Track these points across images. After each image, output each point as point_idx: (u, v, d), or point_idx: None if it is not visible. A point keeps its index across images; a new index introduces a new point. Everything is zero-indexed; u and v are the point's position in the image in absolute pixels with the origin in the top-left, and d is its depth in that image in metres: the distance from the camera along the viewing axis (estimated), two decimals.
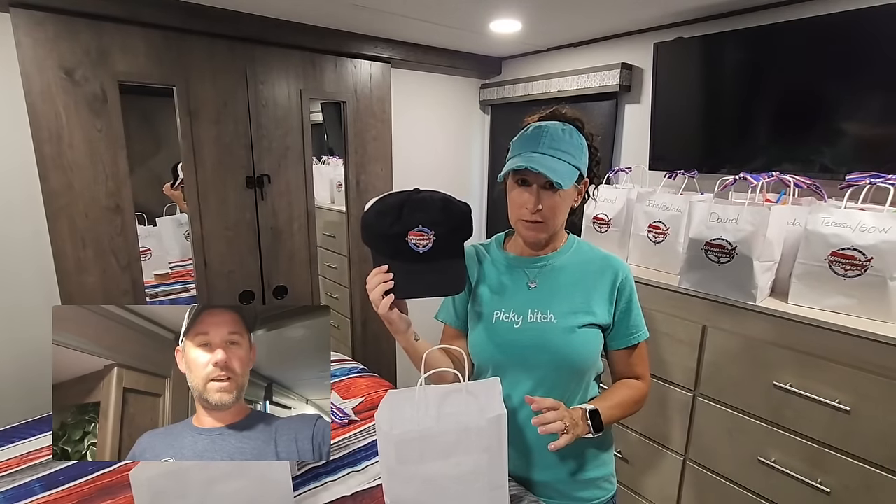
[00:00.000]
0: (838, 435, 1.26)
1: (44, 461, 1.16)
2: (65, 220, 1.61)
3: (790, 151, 1.61)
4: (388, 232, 0.86)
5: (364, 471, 1.14)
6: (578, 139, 0.92)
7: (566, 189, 0.88)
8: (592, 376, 1.01)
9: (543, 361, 0.94)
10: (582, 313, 0.94)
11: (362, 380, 1.62)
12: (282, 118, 2.03)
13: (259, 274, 2.09)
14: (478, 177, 2.90)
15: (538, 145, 0.89)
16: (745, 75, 1.69)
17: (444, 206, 0.89)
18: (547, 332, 0.93)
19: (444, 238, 0.87)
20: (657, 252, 1.73)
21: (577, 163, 0.90)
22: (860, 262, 1.23)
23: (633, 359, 1.01)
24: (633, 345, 0.99)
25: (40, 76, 1.51)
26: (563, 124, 0.92)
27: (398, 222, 0.86)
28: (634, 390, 1.00)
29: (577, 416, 0.88)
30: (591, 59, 2.20)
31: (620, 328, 0.98)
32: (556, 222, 0.93)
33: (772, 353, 1.35)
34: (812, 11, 1.52)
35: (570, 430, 0.83)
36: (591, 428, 0.89)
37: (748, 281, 1.36)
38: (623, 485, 1.79)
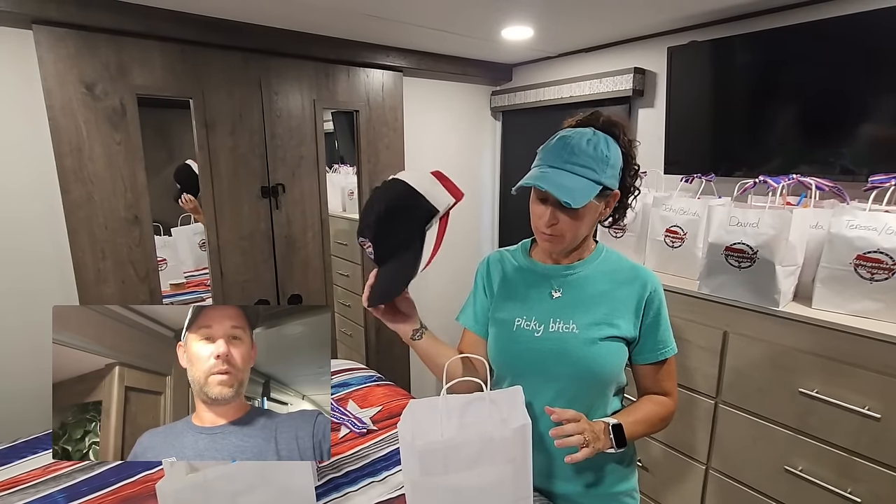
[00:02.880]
0: (868, 443, 1.23)
1: (67, 472, 1.16)
2: (85, 231, 1.63)
3: (808, 154, 1.59)
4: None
5: (384, 481, 1.13)
6: (606, 150, 0.87)
7: (582, 207, 0.85)
8: (614, 390, 0.98)
9: (564, 372, 0.92)
10: (605, 325, 0.92)
11: (379, 388, 1.62)
12: (296, 128, 2.04)
13: (274, 283, 2.10)
14: (489, 184, 2.90)
15: (557, 159, 0.87)
16: (760, 78, 1.68)
17: (370, 205, 0.90)
18: (568, 343, 0.92)
19: (381, 237, 0.88)
20: (674, 257, 1.71)
21: (600, 177, 0.86)
22: (888, 265, 1.20)
23: (661, 374, 0.97)
24: (661, 360, 0.96)
25: (61, 91, 1.54)
26: (592, 133, 0.88)
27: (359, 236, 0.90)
28: (661, 406, 0.97)
29: (598, 429, 0.86)
30: (604, 64, 2.19)
31: (647, 342, 0.95)
32: (575, 236, 0.91)
33: (796, 359, 1.33)
34: (825, 13, 1.50)
35: (590, 443, 0.81)
36: (614, 443, 0.86)
37: (771, 285, 1.34)
38: (645, 495, 1.76)
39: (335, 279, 2.46)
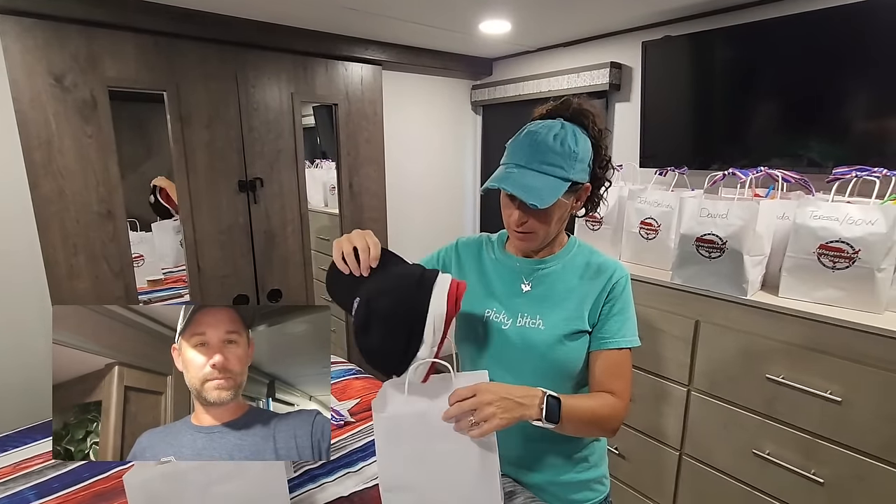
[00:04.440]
0: (830, 426, 1.27)
1: (38, 469, 1.15)
2: (56, 226, 1.60)
3: (778, 147, 1.63)
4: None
5: (360, 472, 1.14)
6: (574, 145, 0.85)
7: (549, 206, 0.83)
8: (578, 383, 0.96)
9: (528, 366, 0.93)
10: (571, 320, 0.92)
11: (358, 381, 1.62)
12: (273, 122, 2.03)
13: (253, 278, 2.08)
14: (470, 178, 2.91)
15: (524, 157, 0.86)
16: (733, 72, 1.71)
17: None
18: (533, 338, 0.92)
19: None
20: (649, 248, 1.74)
21: (568, 173, 0.85)
22: (848, 254, 1.24)
23: (608, 368, 0.90)
24: (605, 349, 0.90)
25: (29, 83, 1.51)
26: (560, 126, 0.86)
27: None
28: (602, 402, 0.87)
29: (524, 394, 0.78)
30: (581, 59, 2.21)
31: (598, 330, 0.92)
32: (547, 233, 0.91)
33: (764, 346, 1.37)
34: (797, 8, 1.54)
35: (497, 414, 0.74)
36: (544, 413, 0.78)
37: (739, 275, 1.38)
38: (621, 481, 1.80)
39: (317, 274, 2.45)
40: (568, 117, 0.90)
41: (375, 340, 0.77)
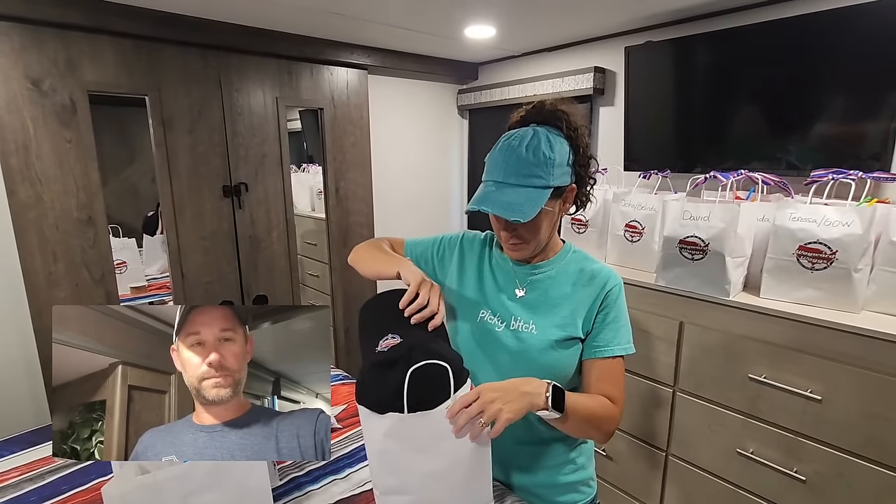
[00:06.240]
0: (811, 424, 1.29)
1: (14, 482, 1.12)
2: (34, 232, 1.57)
3: (758, 150, 1.66)
4: None
5: (347, 478, 1.13)
6: (549, 151, 0.84)
7: (534, 216, 0.83)
8: (568, 388, 0.94)
9: (520, 369, 0.92)
10: (564, 327, 0.92)
11: (345, 387, 1.61)
12: (258, 126, 2.01)
13: (238, 283, 2.06)
14: (457, 182, 2.92)
15: (501, 172, 0.86)
16: (714, 77, 1.74)
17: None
18: (525, 343, 0.92)
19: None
20: (634, 251, 1.76)
21: (548, 181, 0.85)
22: (826, 255, 1.27)
23: (602, 376, 0.90)
24: (599, 357, 0.90)
25: (5, 87, 1.48)
26: (532, 134, 0.86)
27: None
28: (600, 403, 0.88)
29: (526, 387, 0.79)
30: (565, 63, 2.23)
31: (591, 339, 0.92)
32: (539, 240, 0.91)
33: (746, 347, 1.39)
34: (777, 14, 1.57)
35: (504, 410, 0.75)
36: (550, 402, 0.78)
37: (721, 276, 1.40)
38: (608, 482, 1.81)
39: (305, 279, 2.44)
40: (542, 121, 0.90)
41: (391, 380, 0.75)
